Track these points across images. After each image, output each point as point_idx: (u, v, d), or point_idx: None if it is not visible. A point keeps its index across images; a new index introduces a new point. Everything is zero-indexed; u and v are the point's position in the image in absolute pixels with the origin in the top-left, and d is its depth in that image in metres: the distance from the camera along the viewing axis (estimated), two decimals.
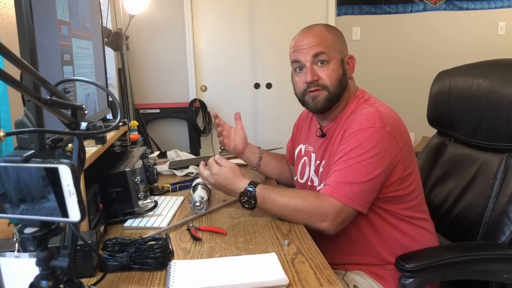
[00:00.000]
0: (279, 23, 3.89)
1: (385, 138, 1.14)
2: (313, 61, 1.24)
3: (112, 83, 3.51)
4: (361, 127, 1.16)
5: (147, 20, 3.73)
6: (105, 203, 1.21)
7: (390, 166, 1.15)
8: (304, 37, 1.27)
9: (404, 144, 1.18)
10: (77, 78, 1.19)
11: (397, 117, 1.22)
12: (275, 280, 0.88)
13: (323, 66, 1.24)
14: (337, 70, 1.25)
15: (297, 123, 1.57)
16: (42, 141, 0.88)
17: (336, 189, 1.14)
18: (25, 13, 0.86)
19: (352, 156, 1.14)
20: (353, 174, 1.13)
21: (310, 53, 1.24)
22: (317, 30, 1.28)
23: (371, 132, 1.14)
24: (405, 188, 1.20)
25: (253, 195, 1.20)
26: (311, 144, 1.40)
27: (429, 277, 1.13)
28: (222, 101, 3.98)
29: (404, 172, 1.19)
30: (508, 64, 1.37)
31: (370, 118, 1.17)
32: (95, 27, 1.45)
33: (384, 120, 1.16)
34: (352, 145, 1.15)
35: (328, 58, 1.24)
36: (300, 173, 1.42)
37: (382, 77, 4.10)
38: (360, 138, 1.15)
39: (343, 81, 1.26)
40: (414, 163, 1.24)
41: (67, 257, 0.63)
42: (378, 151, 1.13)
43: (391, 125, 1.16)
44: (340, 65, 1.26)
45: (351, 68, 1.30)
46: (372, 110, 1.19)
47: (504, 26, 4.18)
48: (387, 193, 1.19)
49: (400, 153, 1.17)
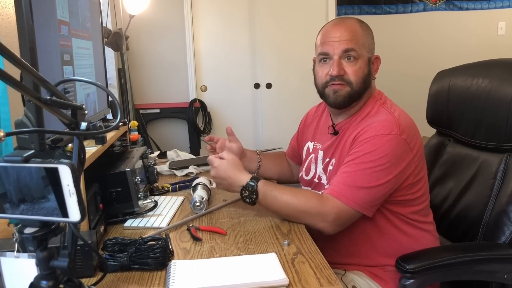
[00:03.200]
0: (279, 23, 3.89)
1: (400, 146, 1.14)
2: (342, 55, 1.22)
3: (112, 83, 3.51)
4: (378, 133, 1.15)
5: (147, 20, 3.73)
6: (105, 203, 1.21)
7: (401, 173, 1.15)
8: (337, 29, 1.24)
9: (417, 151, 1.18)
10: (77, 78, 1.19)
11: (412, 123, 1.22)
12: (275, 280, 0.88)
13: (351, 62, 1.22)
14: (363, 68, 1.24)
15: (304, 121, 1.54)
16: (42, 141, 0.88)
17: (343, 191, 1.13)
18: (25, 13, 0.86)
19: (365, 161, 1.14)
20: (362, 178, 1.13)
21: (341, 47, 1.21)
22: (350, 24, 1.25)
23: (387, 140, 1.14)
24: (415, 193, 1.21)
25: (254, 189, 1.18)
26: (320, 141, 1.38)
27: (429, 278, 1.13)
28: (222, 101, 3.98)
29: (416, 178, 1.19)
30: (507, 64, 1.37)
31: (388, 125, 1.16)
32: (95, 27, 1.45)
33: (401, 127, 1.15)
34: (367, 149, 1.14)
35: (357, 55, 1.22)
36: (305, 170, 1.41)
37: (381, 77, 4.07)
38: (375, 144, 1.14)
39: (367, 80, 1.25)
40: (424, 168, 1.24)
41: (67, 257, 0.63)
42: (391, 159, 1.13)
43: (407, 133, 1.16)
44: (367, 63, 1.25)
45: (376, 69, 1.30)
46: (390, 117, 1.18)
47: (504, 26, 4.17)
48: (396, 197, 1.18)
49: (413, 160, 1.17)
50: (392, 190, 1.16)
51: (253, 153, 1.55)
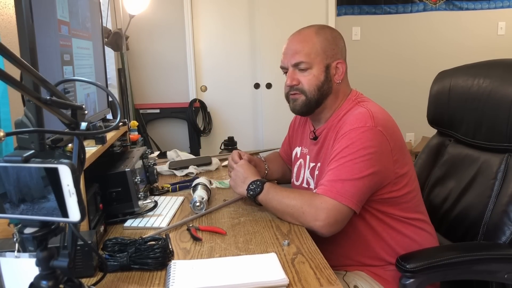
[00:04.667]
0: (279, 23, 3.89)
1: (377, 137, 1.15)
2: (294, 66, 1.28)
3: (112, 83, 3.51)
4: (353, 126, 1.17)
5: (147, 20, 3.73)
6: (105, 203, 1.21)
7: (384, 166, 1.15)
8: (290, 43, 1.31)
9: (395, 145, 1.18)
10: (77, 78, 1.19)
11: (389, 118, 1.22)
12: (275, 280, 0.88)
13: (304, 71, 1.27)
14: (318, 76, 1.26)
15: (292, 125, 1.57)
16: (42, 141, 0.88)
17: (329, 187, 1.14)
18: (25, 13, 0.86)
19: (344, 155, 1.15)
20: (345, 172, 1.14)
21: (291, 61, 1.28)
22: (304, 34, 1.29)
23: (362, 131, 1.15)
24: (400, 190, 1.20)
25: (261, 184, 1.24)
26: (306, 146, 1.41)
27: (430, 277, 1.13)
28: (222, 101, 3.98)
29: (397, 173, 1.18)
30: (508, 64, 1.37)
31: (361, 118, 1.17)
32: (95, 27, 1.45)
33: (376, 120, 1.16)
34: (344, 144, 1.16)
35: (308, 65, 1.26)
36: (296, 175, 1.44)
37: (381, 77, 4.10)
38: (352, 138, 1.15)
39: (324, 87, 1.27)
40: (408, 164, 1.24)
41: (67, 257, 0.63)
42: (370, 150, 1.13)
43: (383, 125, 1.17)
44: (323, 71, 1.26)
45: (340, 74, 1.29)
46: (364, 110, 1.20)
47: (504, 26, 4.18)
48: (381, 195, 1.19)
49: (392, 153, 1.17)
50: (378, 184, 1.16)
51: (259, 160, 1.59)
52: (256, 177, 1.30)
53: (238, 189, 1.31)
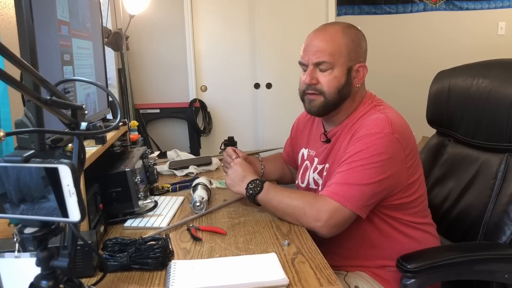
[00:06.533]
0: (279, 23, 3.89)
1: (392, 144, 1.13)
2: (315, 65, 1.22)
3: (112, 83, 3.51)
4: (369, 131, 1.15)
5: (147, 20, 3.73)
6: (105, 203, 1.21)
7: (395, 174, 1.14)
8: (314, 39, 1.24)
9: (410, 152, 1.17)
10: (77, 78, 1.19)
11: (405, 124, 1.21)
12: (275, 280, 0.88)
13: (325, 72, 1.21)
14: (339, 78, 1.21)
15: (296, 126, 1.54)
16: (42, 141, 0.88)
17: (335, 189, 1.13)
18: (25, 13, 0.86)
19: (356, 159, 1.13)
20: (354, 176, 1.12)
21: (314, 58, 1.22)
22: (331, 32, 1.23)
23: (378, 137, 1.13)
24: (410, 196, 1.20)
25: (261, 184, 1.23)
26: (314, 148, 1.38)
27: (430, 278, 1.13)
28: (222, 101, 3.98)
29: (409, 180, 1.18)
30: (508, 64, 1.37)
31: (379, 124, 1.15)
32: (95, 27, 1.45)
33: (393, 126, 1.15)
34: (358, 148, 1.14)
35: (331, 66, 1.20)
36: (301, 177, 1.41)
37: (381, 77, 4.09)
38: (367, 143, 1.13)
39: (344, 90, 1.22)
40: (419, 170, 1.23)
41: (67, 257, 0.63)
42: (384, 158, 1.12)
43: (400, 132, 1.15)
44: (344, 73, 1.22)
45: (360, 77, 1.25)
46: (382, 116, 1.18)
47: (504, 26, 4.17)
48: (392, 201, 1.18)
49: (405, 161, 1.16)
50: (388, 191, 1.15)
51: (255, 159, 1.56)
52: (254, 176, 1.28)
53: (236, 188, 1.29)
